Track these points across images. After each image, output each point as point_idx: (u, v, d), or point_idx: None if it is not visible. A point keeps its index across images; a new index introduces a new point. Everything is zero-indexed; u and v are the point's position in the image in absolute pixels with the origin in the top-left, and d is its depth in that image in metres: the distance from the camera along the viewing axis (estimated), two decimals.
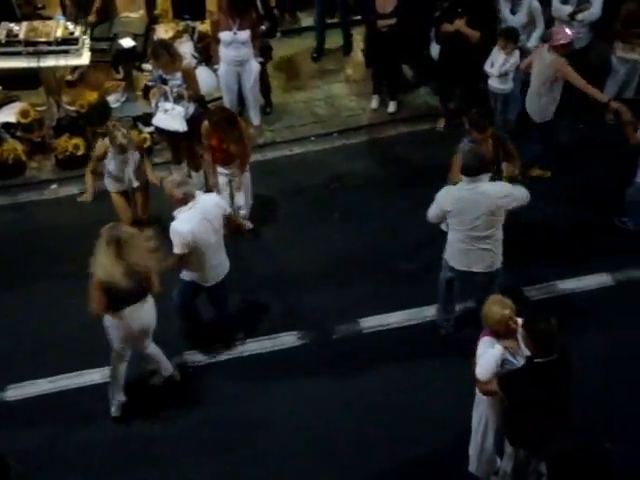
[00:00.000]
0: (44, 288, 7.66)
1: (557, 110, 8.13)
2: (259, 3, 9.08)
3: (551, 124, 8.20)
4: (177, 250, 6.35)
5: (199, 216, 6.38)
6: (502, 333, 5.48)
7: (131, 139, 7.52)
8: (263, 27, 9.11)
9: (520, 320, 5.46)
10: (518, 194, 6.43)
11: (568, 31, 7.91)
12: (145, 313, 6.29)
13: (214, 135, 7.52)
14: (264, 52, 9.22)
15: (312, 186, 8.79)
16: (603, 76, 9.07)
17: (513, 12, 8.69)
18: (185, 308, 7.00)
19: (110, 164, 7.51)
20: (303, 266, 7.88)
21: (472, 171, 6.32)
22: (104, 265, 5.87)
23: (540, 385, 5.23)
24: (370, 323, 7.36)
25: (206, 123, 7.52)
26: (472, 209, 6.31)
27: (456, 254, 6.60)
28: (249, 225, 8.00)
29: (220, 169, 7.75)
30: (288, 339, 7.26)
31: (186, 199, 6.38)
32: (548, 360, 5.17)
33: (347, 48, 10.44)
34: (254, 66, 8.81)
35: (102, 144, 7.57)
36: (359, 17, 9.98)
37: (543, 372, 5.21)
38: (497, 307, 5.46)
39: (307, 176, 8.94)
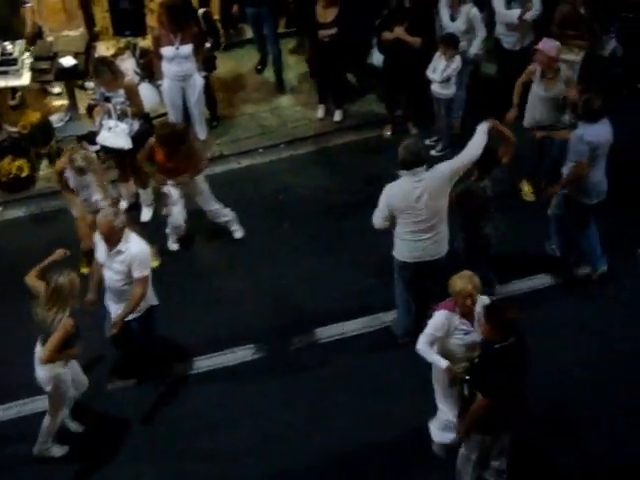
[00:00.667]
0: None
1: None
2: (202, 17, 9.06)
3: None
4: (147, 271, 6.32)
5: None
6: (459, 306, 5.68)
7: (91, 161, 7.37)
8: (208, 44, 9.08)
9: (480, 304, 5.64)
10: (459, 158, 6.57)
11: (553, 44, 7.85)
12: None
13: (160, 150, 7.48)
14: (208, 63, 9.20)
15: (261, 198, 8.79)
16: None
17: (452, 19, 8.78)
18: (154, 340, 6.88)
19: (71, 184, 7.40)
20: (256, 279, 7.85)
21: (409, 164, 6.41)
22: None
23: (501, 369, 5.34)
24: (328, 332, 7.37)
25: (152, 139, 7.49)
26: (416, 199, 6.39)
27: (406, 248, 6.66)
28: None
29: (170, 182, 7.69)
30: (245, 353, 7.22)
31: (125, 225, 6.31)
32: (508, 344, 5.30)
33: (262, 66, 10.44)
34: (198, 81, 8.78)
35: (61, 160, 7.48)
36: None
37: (503, 356, 5.32)
38: (462, 281, 5.67)
39: (256, 188, 8.93)
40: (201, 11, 9.24)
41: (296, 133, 9.63)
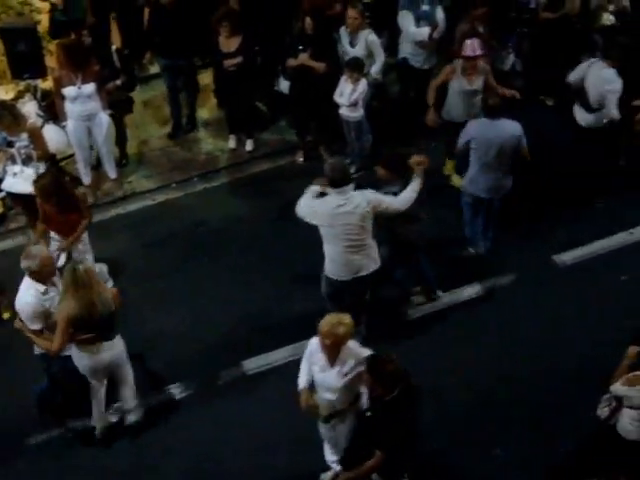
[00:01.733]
0: None
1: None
2: (115, 56, 8.91)
3: None
4: (35, 325, 6.15)
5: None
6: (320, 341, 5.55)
7: None
8: (118, 82, 8.93)
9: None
10: (386, 201, 6.59)
11: (476, 45, 8.17)
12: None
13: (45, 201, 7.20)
14: (123, 106, 9.07)
15: (179, 233, 8.66)
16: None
17: (352, 45, 8.85)
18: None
19: None
20: (179, 316, 7.71)
21: (338, 183, 6.43)
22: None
23: (394, 421, 5.30)
24: (253, 364, 7.28)
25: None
26: (343, 217, 6.44)
27: (336, 266, 6.66)
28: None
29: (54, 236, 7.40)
30: (173, 391, 7.07)
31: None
32: (396, 395, 5.28)
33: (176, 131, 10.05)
34: (104, 119, 8.61)
35: None
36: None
37: (394, 408, 5.29)
38: (326, 320, 5.51)
39: (172, 223, 8.80)
40: (114, 47, 9.09)
41: (209, 165, 9.55)
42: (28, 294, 6.11)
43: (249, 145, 9.70)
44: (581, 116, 8.33)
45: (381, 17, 9.27)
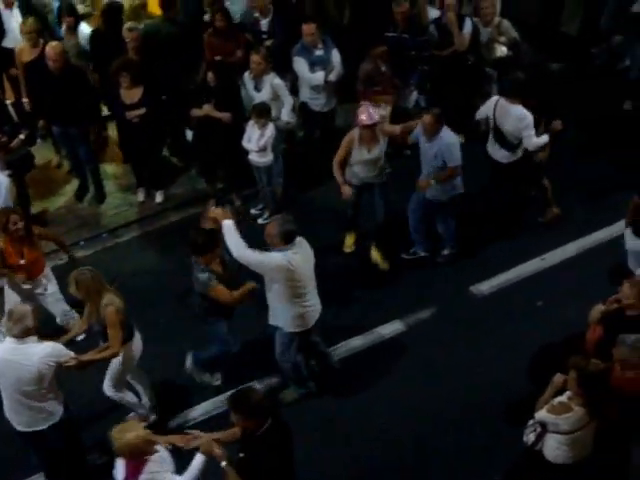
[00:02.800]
0: None
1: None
2: (12, 111, 8.62)
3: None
4: None
5: None
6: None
7: None
8: (22, 136, 8.62)
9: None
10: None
11: (371, 111, 7.87)
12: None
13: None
14: (24, 162, 8.75)
15: None
16: None
17: (257, 89, 8.83)
18: None
19: None
20: (97, 376, 7.39)
21: (292, 237, 6.39)
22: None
23: (270, 454, 5.19)
24: (177, 422, 7.09)
25: None
26: (301, 267, 6.40)
27: (296, 317, 6.59)
28: None
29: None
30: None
31: None
32: (268, 427, 5.19)
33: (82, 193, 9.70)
34: (2, 181, 8.26)
35: None
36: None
37: (267, 441, 5.20)
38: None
39: None
40: (8, 102, 8.81)
41: (118, 220, 9.34)
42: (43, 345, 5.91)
43: (158, 197, 9.53)
44: (501, 155, 8.40)
45: (282, 60, 9.28)
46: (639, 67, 10.70)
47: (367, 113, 7.78)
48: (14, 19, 9.56)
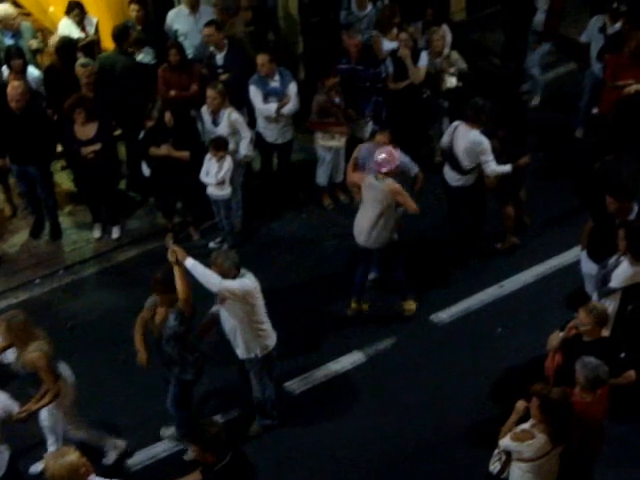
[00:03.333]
0: None
1: None
2: None
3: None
4: None
5: None
6: None
7: None
8: None
9: None
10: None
11: (393, 152, 7.64)
12: None
13: None
14: None
15: (47, 330, 8.14)
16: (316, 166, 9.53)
17: (215, 123, 8.80)
18: None
19: None
20: None
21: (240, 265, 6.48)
22: None
23: None
24: (137, 459, 7.00)
25: None
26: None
27: (266, 339, 6.72)
28: None
29: None
30: None
31: None
32: (229, 460, 5.16)
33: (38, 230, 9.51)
34: None
35: None
36: None
37: (228, 475, 5.18)
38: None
39: (40, 321, 8.17)
40: None
41: (74, 257, 9.19)
42: None
43: (115, 232, 9.42)
44: (451, 177, 8.49)
45: (239, 94, 9.30)
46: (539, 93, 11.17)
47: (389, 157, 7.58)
48: None
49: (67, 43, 9.40)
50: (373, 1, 10.46)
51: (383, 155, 7.56)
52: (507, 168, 8.19)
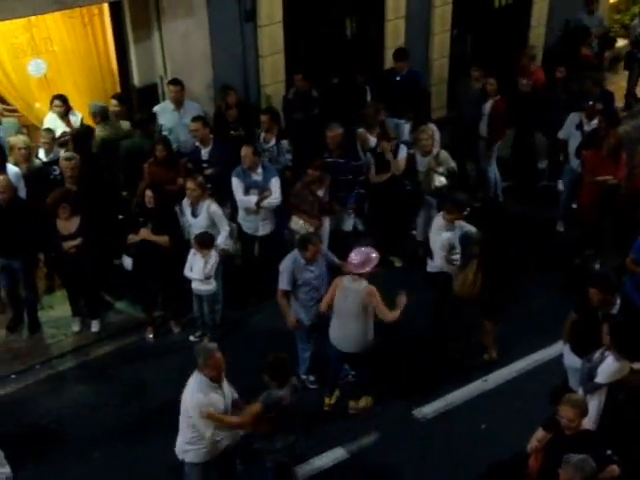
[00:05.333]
0: None
1: None
2: None
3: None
4: None
5: None
6: None
7: None
8: None
9: None
10: None
11: (365, 251, 7.63)
12: None
13: None
14: None
15: (23, 427, 8.01)
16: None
17: (194, 215, 8.85)
18: None
19: None
20: None
21: None
22: None
23: None
24: None
25: None
26: None
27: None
28: None
29: None
30: None
31: None
32: None
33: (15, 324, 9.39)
34: None
35: None
36: None
37: None
38: None
39: (16, 418, 8.14)
40: None
41: (52, 351, 9.05)
42: None
43: (94, 326, 9.31)
44: (429, 263, 8.70)
45: (222, 188, 9.38)
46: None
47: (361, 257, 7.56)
48: None
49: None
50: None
51: (359, 256, 7.53)
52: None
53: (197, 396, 6.19)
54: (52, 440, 7.89)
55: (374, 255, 7.59)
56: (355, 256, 7.58)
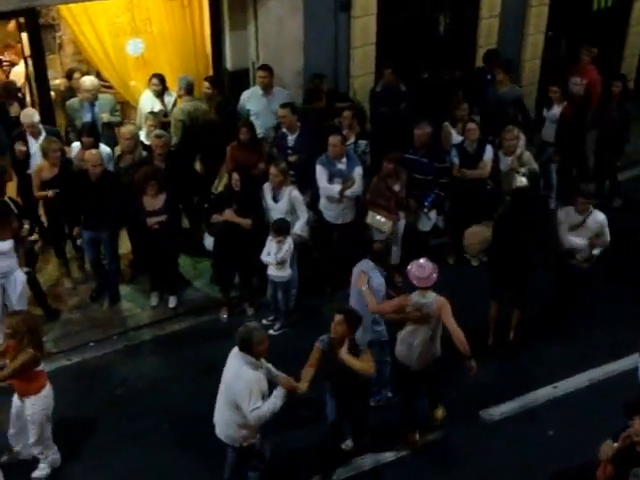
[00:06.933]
0: None
1: None
2: (10, 202, 8.66)
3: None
4: None
5: None
6: None
7: None
8: (26, 226, 8.62)
9: None
10: None
11: (425, 264, 7.18)
12: None
13: None
14: (29, 257, 8.83)
15: (97, 394, 8.29)
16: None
17: (275, 200, 8.95)
18: None
19: None
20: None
21: None
22: None
23: None
24: None
25: None
26: None
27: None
28: None
29: None
30: None
31: None
32: None
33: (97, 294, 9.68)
34: (19, 277, 8.34)
35: None
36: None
37: None
38: None
39: (90, 385, 8.43)
40: (6, 198, 8.82)
41: (129, 323, 9.31)
42: None
43: (172, 302, 9.53)
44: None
45: (305, 175, 9.47)
46: None
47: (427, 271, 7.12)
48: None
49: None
50: None
51: (420, 270, 7.10)
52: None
53: (249, 373, 6.25)
54: (125, 410, 8.11)
55: (433, 265, 7.16)
56: (418, 270, 7.11)
